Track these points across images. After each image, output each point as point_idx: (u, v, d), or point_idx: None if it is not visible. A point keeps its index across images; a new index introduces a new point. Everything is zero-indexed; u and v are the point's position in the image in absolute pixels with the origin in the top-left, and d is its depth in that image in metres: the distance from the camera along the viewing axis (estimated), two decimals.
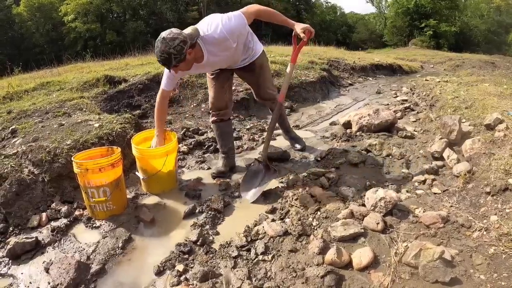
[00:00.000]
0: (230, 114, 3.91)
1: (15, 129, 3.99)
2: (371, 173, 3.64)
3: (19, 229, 2.92)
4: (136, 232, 2.91)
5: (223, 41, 2.98)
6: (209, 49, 2.98)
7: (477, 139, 3.56)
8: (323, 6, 60.36)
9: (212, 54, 3.02)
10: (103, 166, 2.91)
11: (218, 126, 3.86)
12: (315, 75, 8.28)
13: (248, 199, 3.32)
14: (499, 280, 2.07)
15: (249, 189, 3.41)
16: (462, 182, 3.16)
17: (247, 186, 3.44)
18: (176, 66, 2.80)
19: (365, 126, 4.76)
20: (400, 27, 40.30)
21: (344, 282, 2.19)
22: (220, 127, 3.86)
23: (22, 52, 32.19)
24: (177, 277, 2.37)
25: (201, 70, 3.36)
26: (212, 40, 2.95)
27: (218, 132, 3.90)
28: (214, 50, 3.01)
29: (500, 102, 4.71)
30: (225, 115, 3.82)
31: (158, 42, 2.71)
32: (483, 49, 35.88)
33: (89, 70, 7.84)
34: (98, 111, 4.97)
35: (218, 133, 3.90)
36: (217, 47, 3.01)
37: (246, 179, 3.51)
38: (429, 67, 15.44)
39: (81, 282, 2.36)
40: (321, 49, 14.99)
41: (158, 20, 35.89)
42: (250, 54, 3.53)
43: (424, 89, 7.52)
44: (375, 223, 2.60)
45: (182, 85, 6.39)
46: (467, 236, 2.51)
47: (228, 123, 3.92)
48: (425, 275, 2.12)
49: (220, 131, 3.88)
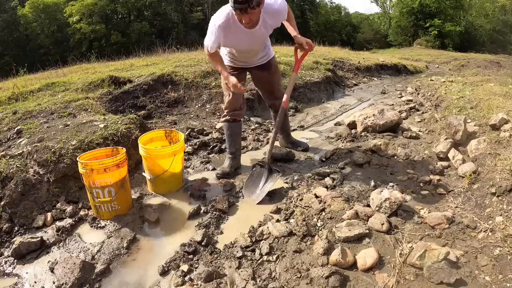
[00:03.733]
0: (243, 115, 3.98)
1: (21, 129, 4.01)
2: (376, 173, 3.63)
3: (24, 229, 2.94)
4: (141, 232, 2.92)
5: (278, 14, 3.22)
6: (264, 18, 3.14)
7: (482, 139, 3.55)
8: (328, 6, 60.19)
9: (263, 25, 3.18)
10: (108, 166, 2.92)
11: (230, 126, 3.89)
12: (320, 75, 8.29)
13: (254, 198, 3.33)
14: (505, 281, 2.05)
15: (253, 192, 3.42)
16: (467, 183, 3.15)
17: (251, 189, 3.46)
18: (253, 8, 2.82)
19: (370, 127, 4.76)
20: (405, 27, 40.18)
21: (349, 283, 2.18)
22: (231, 127, 3.90)
23: (27, 53, 32.36)
24: (182, 277, 2.38)
25: (242, 41, 3.32)
26: (271, 10, 3.14)
27: (228, 132, 3.92)
28: (266, 22, 3.18)
29: (506, 102, 4.68)
30: (238, 116, 3.88)
31: None
32: (488, 49, 35.65)
33: (94, 71, 7.86)
34: (103, 111, 4.99)
35: (228, 133, 3.93)
36: (270, 19, 3.19)
37: (249, 183, 3.52)
38: (434, 67, 15.39)
39: (85, 281, 2.37)
40: (325, 49, 15.00)
41: (163, 21, 35.90)
42: (267, 52, 3.77)
43: (429, 89, 7.49)
44: (380, 223, 2.60)
45: (186, 85, 6.40)
46: (472, 237, 2.50)
47: (239, 124, 3.98)
48: (430, 276, 2.12)
49: (231, 131, 3.91)
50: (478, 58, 17.01)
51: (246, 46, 3.44)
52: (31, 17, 34.74)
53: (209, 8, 37.54)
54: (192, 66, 7.41)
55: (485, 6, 43.22)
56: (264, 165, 3.52)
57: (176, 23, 35.65)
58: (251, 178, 3.54)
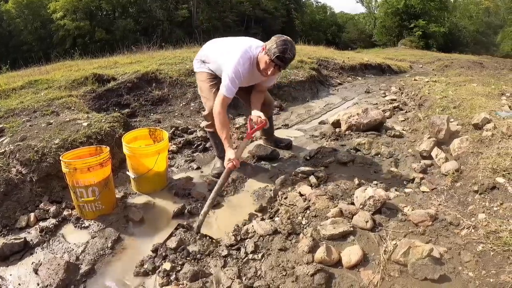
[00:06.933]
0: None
1: (3, 128, 3.94)
2: (360, 172, 3.66)
3: (7, 230, 2.89)
4: (125, 231, 2.90)
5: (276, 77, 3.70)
6: None
7: (465, 138, 3.60)
8: (313, 5, 60.53)
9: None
10: (91, 165, 2.88)
11: (217, 135, 3.51)
12: (305, 74, 8.30)
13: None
14: (488, 277, 2.09)
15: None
16: (450, 181, 3.20)
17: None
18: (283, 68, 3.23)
19: (354, 125, 4.79)
20: (390, 27, 40.46)
21: (334, 280, 2.20)
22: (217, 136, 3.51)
23: (10, 50, 31.76)
24: (166, 276, 2.36)
25: (250, 81, 3.55)
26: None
27: (217, 141, 3.72)
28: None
29: (488, 102, 4.76)
30: None
31: (288, 43, 3.08)
32: (471, 50, 36.17)
33: (77, 68, 7.74)
34: (86, 110, 4.93)
35: (217, 141, 3.75)
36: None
37: None
38: (418, 67, 15.55)
39: (70, 283, 2.34)
40: (310, 48, 15.01)
41: (148, 18, 35.62)
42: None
43: (413, 88, 7.58)
44: (364, 221, 2.62)
45: (171, 83, 6.37)
46: (456, 234, 2.54)
47: None
48: (414, 272, 2.14)
49: (219, 140, 3.52)
50: (462, 59, 17.26)
51: (251, 83, 3.63)
52: (14, 13, 34.17)
53: (195, 5, 37.39)
54: (177, 64, 7.36)
55: (469, 8, 43.91)
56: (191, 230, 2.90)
57: (161, 21, 35.43)
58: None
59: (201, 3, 38.10)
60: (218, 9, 39.32)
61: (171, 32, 34.31)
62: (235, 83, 3.19)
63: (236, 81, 3.18)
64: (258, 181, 3.69)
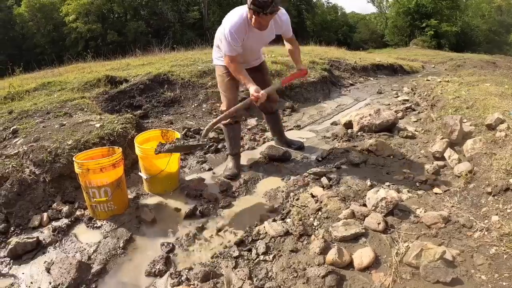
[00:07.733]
0: (243, 115, 3.98)
1: (16, 129, 3.99)
2: (372, 173, 3.64)
3: (20, 229, 2.92)
4: (137, 232, 2.91)
5: (282, 25, 3.46)
6: (271, 24, 3.34)
7: (478, 139, 3.56)
8: (324, 6, 60.24)
9: (270, 29, 3.37)
10: (104, 166, 2.91)
11: (232, 129, 3.87)
12: (316, 75, 8.28)
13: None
14: (500, 280, 2.06)
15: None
16: (463, 182, 3.16)
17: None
18: (268, 14, 3.00)
19: (366, 126, 4.76)
20: (401, 27, 40.16)
21: (345, 282, 2.19)
22: (234, 130, 3.88)
23: (23, 53, 32.15)
24: (178, 277, 2.37)
25: (251, 40, 3.43)
26: (278, 19, 3.38)
27: (231, 134, 3.89)
28: (272, 27, 3.40)
29: (501, 102, 4.70)
30: (239, 117, 3.90)
31: None
32: (484, 49, 35.75)
33: (90, 70, 7.82)
34: (99, 111, 4.97)
35: (231, 135, 3.89)
36: (276, 26, 3.44)
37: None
38: (430, 67, 15.42)
39: (82, 282, 2.37)
40: (322, 49, 14.96)
41: (159, 20, 35.81)
42: (260, 56, 3.95)
43: (425, 89, 7.52)
44: (376, 223, 2.60)
45: (183, 85, 6.39)
46: (468, 236, 2.51)
47: (239, 125, 4.00)
48: (426, 275, 2.12)
49: (233, 134, 3.89)
50: (474, 58, 17.05)
51: (254, 45, 3.56)
52: (27, 16, 34.57)
53: (206, 7, 37.48)
54: (189, 66, 7.39)
55: (481, 7, 43.36)
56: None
57: (172, 23, 35.55)
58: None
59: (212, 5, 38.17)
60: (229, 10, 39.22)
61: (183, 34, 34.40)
62: (233, 36, 3.21)
63: (234, 35, 3.21)
64: (270, 182, 3.69)
